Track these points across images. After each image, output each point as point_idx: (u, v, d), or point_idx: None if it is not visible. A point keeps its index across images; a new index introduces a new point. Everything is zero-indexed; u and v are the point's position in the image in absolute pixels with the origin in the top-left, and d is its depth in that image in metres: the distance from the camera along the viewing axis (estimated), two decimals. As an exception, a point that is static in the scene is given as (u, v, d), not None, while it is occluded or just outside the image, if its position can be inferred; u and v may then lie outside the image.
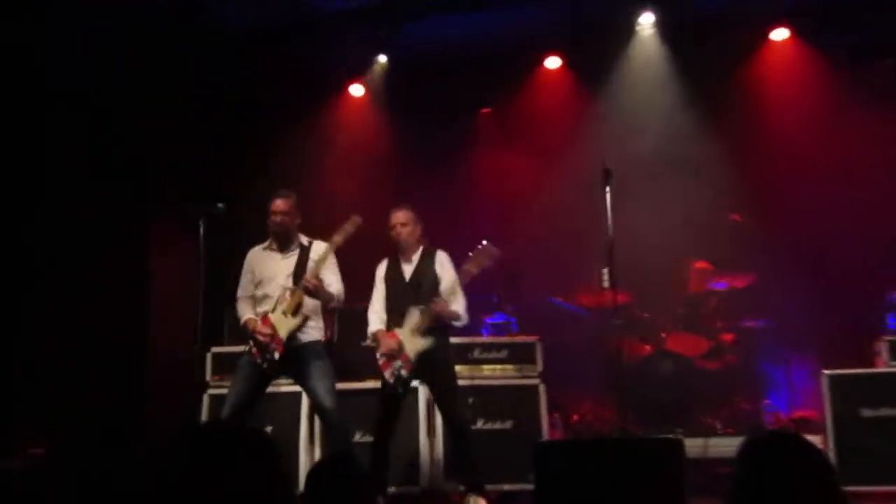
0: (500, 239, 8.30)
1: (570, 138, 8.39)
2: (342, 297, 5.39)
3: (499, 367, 6.45)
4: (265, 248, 5.52)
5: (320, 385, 5.18)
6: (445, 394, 5.41)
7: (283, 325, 5.27)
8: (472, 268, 5.32)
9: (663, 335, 7.27)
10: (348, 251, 5.72)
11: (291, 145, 8.40)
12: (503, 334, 6.99)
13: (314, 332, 5.40)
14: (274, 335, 5.23)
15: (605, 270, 6.28)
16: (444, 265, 5.49)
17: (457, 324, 5.36)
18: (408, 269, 5.50)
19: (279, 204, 5.39)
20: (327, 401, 5.14)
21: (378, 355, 5.38)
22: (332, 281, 5.36)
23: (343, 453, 4.64)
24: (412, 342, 5.33)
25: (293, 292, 5.28)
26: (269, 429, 6.08)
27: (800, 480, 2.15)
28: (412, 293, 5.42)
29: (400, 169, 8.49)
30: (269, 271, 5.40)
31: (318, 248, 5.42)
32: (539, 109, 8.73)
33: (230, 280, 5.63)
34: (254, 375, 5.23)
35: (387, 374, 5.34)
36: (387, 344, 5.33)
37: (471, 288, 5.87)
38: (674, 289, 7.74)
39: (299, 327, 5.27)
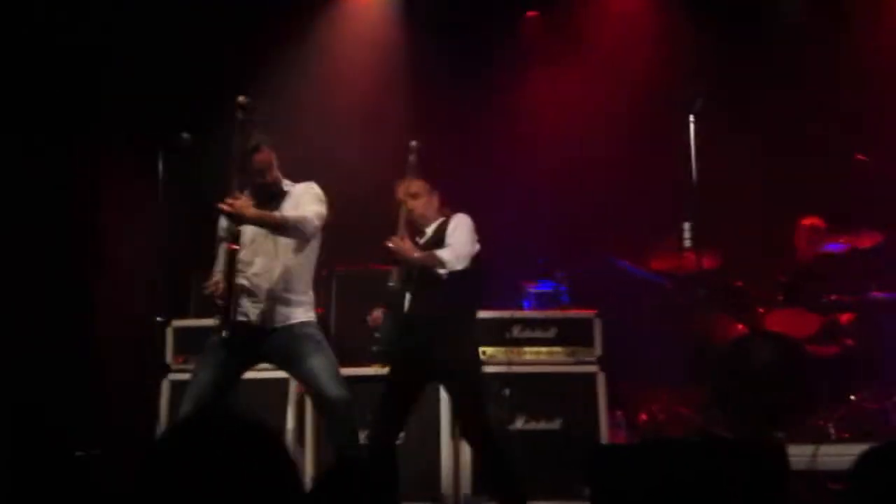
0: (551, 182, 8.41)
1: (646, 51, 8.40)
2: (300, 224, 5.10)
3: (545, 349, 6.49)
4: None
5: (322, 368, 5.09)
6: (460, 395, 5.34)
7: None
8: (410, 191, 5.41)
9: (762, 311, 7.23)
10: (345, 198, 5.68)
11: (277, 60, 8.40)
12: (551, 307, 6.97)
13: (303, 310, 5.26)
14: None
15: (687, 226, 6.29)
16: (453, 220, 5.44)
17: (440, 270, 5.21)
18: (423, 244, 5.49)
19: (260, 159, 5.19)
20: (333, 388, 5.04)
21: None
22: (299, 208, 5.21)
23: (355, 458, 4.87)
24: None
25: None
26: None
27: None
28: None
29: (419, 91, 8.48)
30: (247, 233, 5.24)
31: (301, 187, 5.34)
32: (603, 13, 8.69)
33: (198, 233, 5.60)
34: (222, 364, 5.15)
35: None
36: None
37: (506, 244, 5.77)
38: (777, 251, 7.74)
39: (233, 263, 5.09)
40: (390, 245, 5.20)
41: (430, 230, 5.50)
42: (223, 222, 5.27)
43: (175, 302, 6.55)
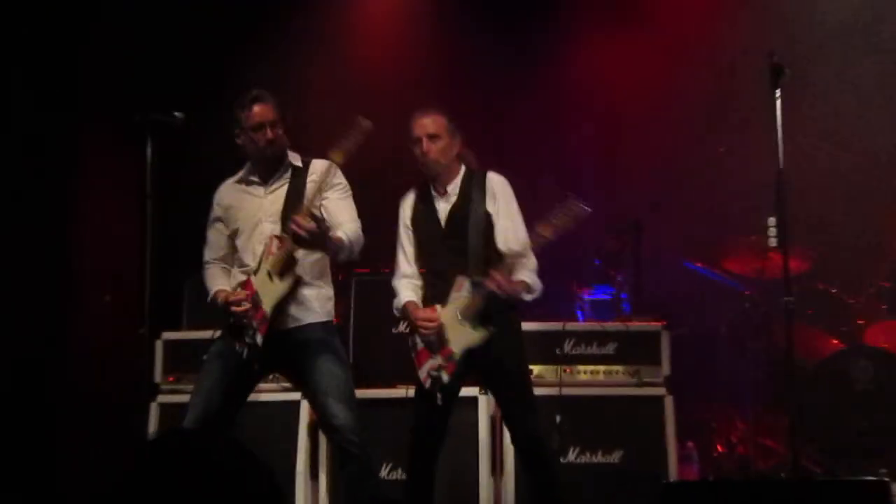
0: (606, 169, 8.25)
1: (718, 14, 8.30)
2: (358, 243, 5.18)
3: (602, 368, 6.41)
4: (239, 182, 5.34)
5: (331, 390, 5.05)
6: (515, 403, 5.28)
7: (269, 293, 5.11)
8: (546, 232, 5.16)
9: (861, 322, 7.18)
10: (370, 193, 5.58)
11: (284, 32, 8.47)
12: (610, 318, 6.92)
13: (317, 307, 5.21)
14: (256, 307, 5.09)
15: (773, 221, 6.15)
16: (499, 197, 5.34)
17: (527, 297, 5.22)
18: (443, 208, 5.36)
19: (261, 112, 5.16)
20: (341, 414, 5.02)
21: (412, 341, 5.28)
22: (343, 218, 5.20)
23: (369, 496, 4.82)
24: (458, 332, 5.18)
25: (281, 240, 5.12)
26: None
27: None
28: (450, 245, 5.29)
29: (451, 65, 8.44)
30: (247, 215, 5.25)
31: (319, 168, 5.22)
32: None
33: (193, 229, 5.54)
34: (230, 373, 5.09)
35: (422, 372, 5.22)
36: (425, 322, 5.21)
37: (555, 242, 5.58)
38: (879, 251, 7.56)
39: (290, 295, 5.11)
40: (493, 287, 5.06)
41: (452, 189, 5.36)
42: (223, 200, 5.33)
43: (165, 311, 6.43)
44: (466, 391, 5.92)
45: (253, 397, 5.48)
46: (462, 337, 5.15)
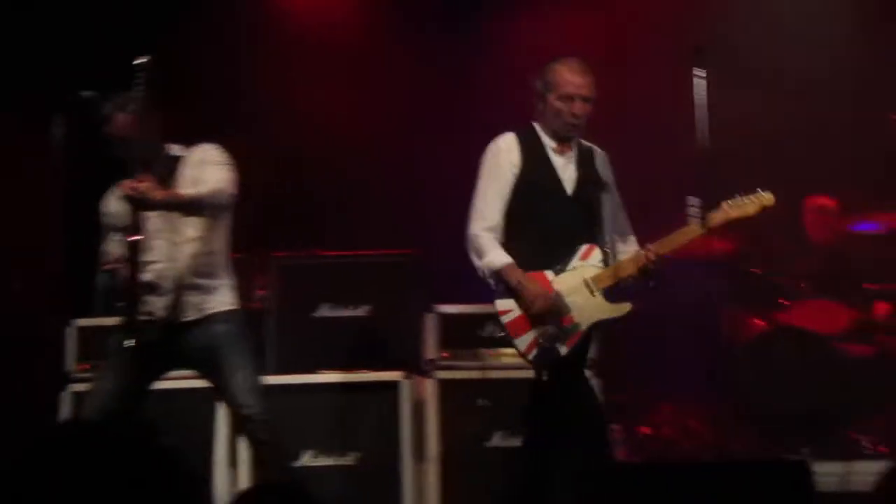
0: None
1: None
2: (217, 196, 5.06)
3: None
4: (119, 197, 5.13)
5: (238, 380, 5.08)
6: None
7: (590, 308, 5.11)
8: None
9: (786, 303, 7.24)
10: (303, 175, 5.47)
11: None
12: None
13: (211, 294, 5.17)
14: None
15: (694, 200, 6.25)
16: (610, 174, 5.35)
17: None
18: (567, 172, 5.24)
19: (116, 129, 5.05)
20: (250, 402, 5.06)
21: (512, 308, 5.05)
22: (208, 178, 5.09)
23: (283, 481, 4.86)
24: (591, 303, 5.07)
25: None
26: (167, 446, 6.04)
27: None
28: (576, 212, 5.19)
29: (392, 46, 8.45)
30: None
31: (197, 153, 5.19)
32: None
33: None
34: (131, 367, 5.01)
35: (522, 341, 5.01)
36: (535, 292, 4.98)
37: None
38: (802, 232, 7.69)
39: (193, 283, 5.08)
40: (652, 254, 5.06)
41: (573, 153, 5.28)
42: (110, 207, 5.19)
43: (77, 297, 6.28)
44: (388, 375, 6.06)
45: (170, 385, 5.52)
46: (593, 309, 5.04)
